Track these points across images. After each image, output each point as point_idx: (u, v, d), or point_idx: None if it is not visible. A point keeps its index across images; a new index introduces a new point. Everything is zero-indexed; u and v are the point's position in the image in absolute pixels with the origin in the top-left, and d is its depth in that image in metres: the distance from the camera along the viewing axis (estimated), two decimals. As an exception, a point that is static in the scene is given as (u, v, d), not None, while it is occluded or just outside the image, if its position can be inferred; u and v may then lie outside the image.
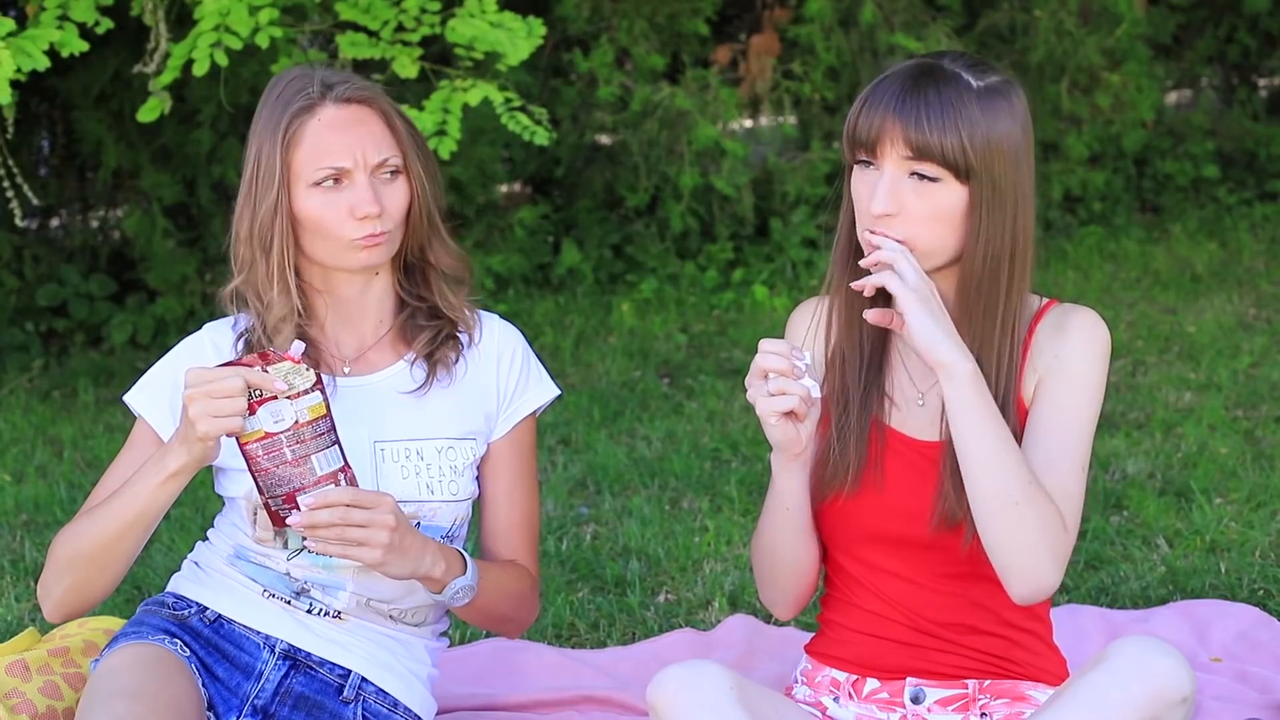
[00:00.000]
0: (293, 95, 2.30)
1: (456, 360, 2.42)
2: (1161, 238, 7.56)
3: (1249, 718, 2.71)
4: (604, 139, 7.44)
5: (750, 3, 7.92)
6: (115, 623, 2.64)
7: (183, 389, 2.18)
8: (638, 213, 7.25)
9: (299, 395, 2.11)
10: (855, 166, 2.14)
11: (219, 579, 2.39)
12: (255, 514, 2.34)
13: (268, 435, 2.11)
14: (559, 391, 2.52)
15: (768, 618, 3.31)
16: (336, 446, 2.16)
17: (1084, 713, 1.99)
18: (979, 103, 2.08)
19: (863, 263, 2.09)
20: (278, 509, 2.15)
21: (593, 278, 7.02)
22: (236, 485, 2.35)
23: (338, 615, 2.38)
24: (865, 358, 2.23)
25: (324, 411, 2.14)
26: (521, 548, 2.49)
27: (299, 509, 2.13)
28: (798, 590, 2.28)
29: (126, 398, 2.42)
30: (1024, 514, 2.05)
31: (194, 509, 4.20)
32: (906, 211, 2.09)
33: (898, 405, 2.22)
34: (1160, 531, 3.67)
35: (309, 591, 2.36)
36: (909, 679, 2.24)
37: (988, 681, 2.23)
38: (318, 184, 2.29)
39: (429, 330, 2.41)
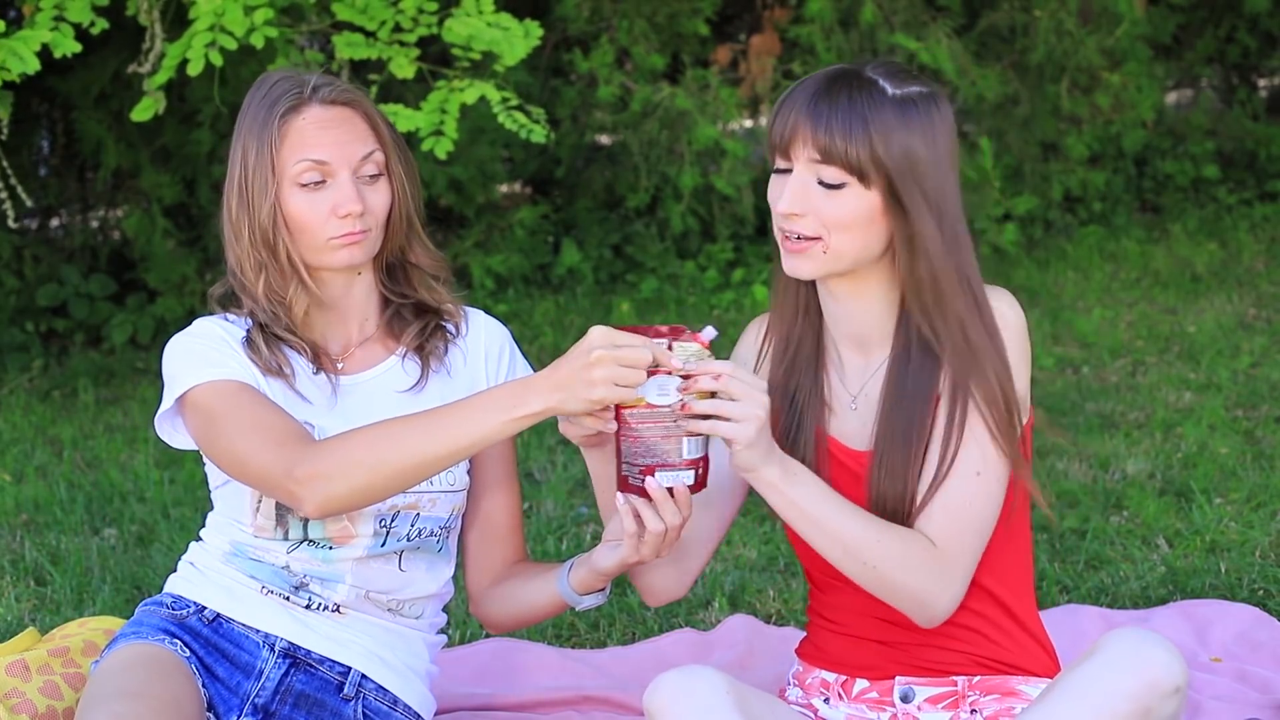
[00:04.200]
0: (278, 96, 2.32)
1: (447, 350, 2.44)
2: (1161, 238, 7.56)
3: (1249, 718, 2.71)
4: (604, 139, 7.45)
5: (750, 3, 7.92)
6: (115, 623, 2.65)
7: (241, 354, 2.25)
8: (638, 213, 7.25)
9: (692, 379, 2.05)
10: (773, 173, 2.16)
11: (215, 578, 2.39)
12: (259, 503, 2.34)
13: (650, 406, 2.04)
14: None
15: (768, 618, 3.31)
16: (705, 436, 2.09)
17: (1078, 704, 1.99)
18: (894, 110, 2.09)
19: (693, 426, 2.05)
20: (628, 474, 2.08)
21: (593, 278, 7.03)
22: None
23: (336, 609, 2.38)
24: (802, 365, 2.25)
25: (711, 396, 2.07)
26: (521, 541, 2.52)
27: (653, 479, 2.06)
28: (665, 579, 2.30)
29: (198, 382, 2.30)
30: (882, 572, 2.08)
31: (194, 509, 4.20)
32: (816, 212, 2.11)
33: (834, 410, 2.23)
34: (1160, 531, 3.67)
35: (307, 585, 2.36)
36: (898, 678, 2.24)
37: (977, 678, 2.23)
38: (302, 185, 2.30)
39: (416, 324, 2.43)
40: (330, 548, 2.34)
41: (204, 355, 2.34)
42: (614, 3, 6.92)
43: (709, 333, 2.06)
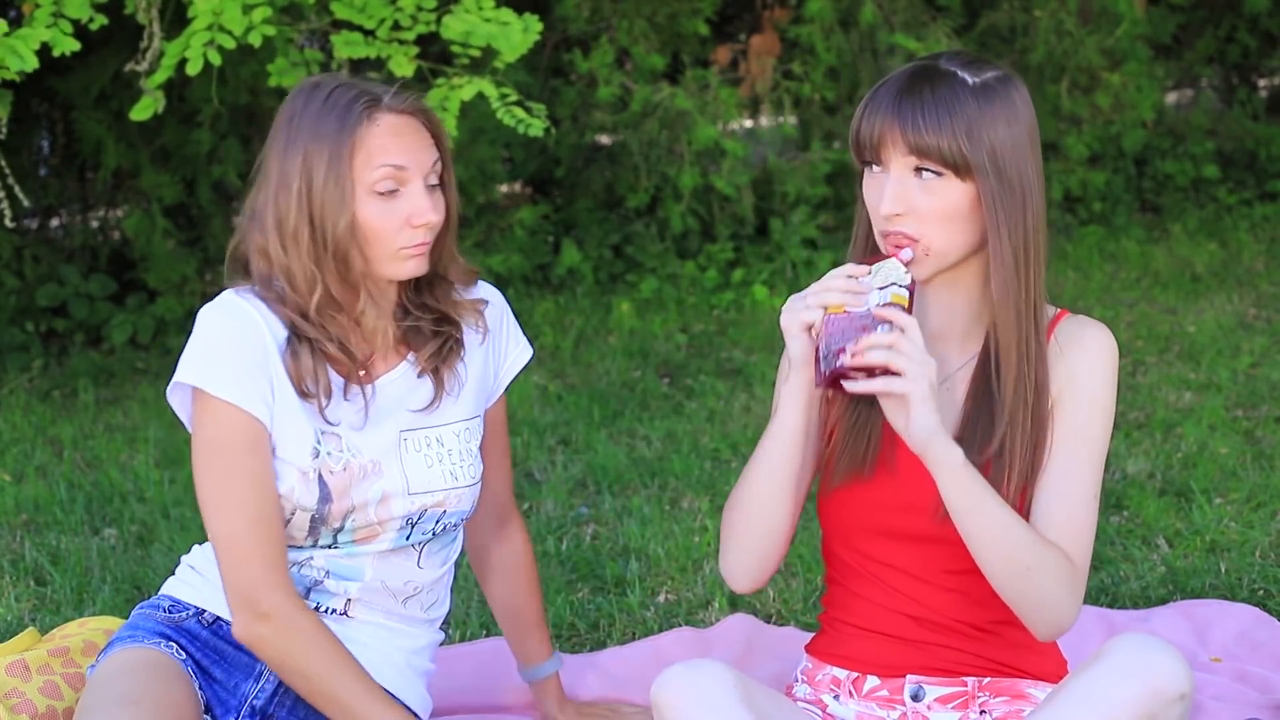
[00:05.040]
0: (348, 103, 2.26)
1: (460, 361, 2.43)
2: (1161, 238, 7.56)
3: (1249, 718, 2.71)
4: (604, 139, 7.45)
5: (750, 3, 7.93)
6: (115, 623, 2.65)
7: (268, 367, 2.25)
8: (638, 213, 7.25)
9: (888, 287, 2.08)
10: (864, 169, 2.17)
11: (218, 581, 2.39)
12: (291, 514, 2.32)
13: (847, 312, 2.08)
14: (532, 350, 2.59)
15: (768, 618, 3.31)
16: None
17: (1082, 710, 2.00)
18: (975, 100, 2.11)
19: (852, 362, 2.05)
20: (824, 367, 2.07)
21: (593, 278, 7.03)
22: (279, 482, 2.32)
23: (344, 612, 2.38)
24: None
25: (905, 304, 2.09)
26: (510, 492, 2.62)
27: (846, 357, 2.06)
28: (764, 555, 2.23)
29: (212, 392, 2.25)
30: (1035, 576, 2.09)
31: (193, 509, 4.20)
32: (915, 210, 2.12)
33: None
34: (1160, 531, 3.66)
35: (322, 583, 2.37)
36: (909, 676, 2.24)
37: (987, 679, 2.24)
38: (379, 193, 2.26)
39: (434, 342, 2.40)
40: (354, 542, 2.35)
41: (230, 363, 2.26)
42: (614, 3, 6.92)
43: (906, 254, 2.11)
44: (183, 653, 2.32)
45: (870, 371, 2.04)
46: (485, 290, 2.50)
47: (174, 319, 6.70)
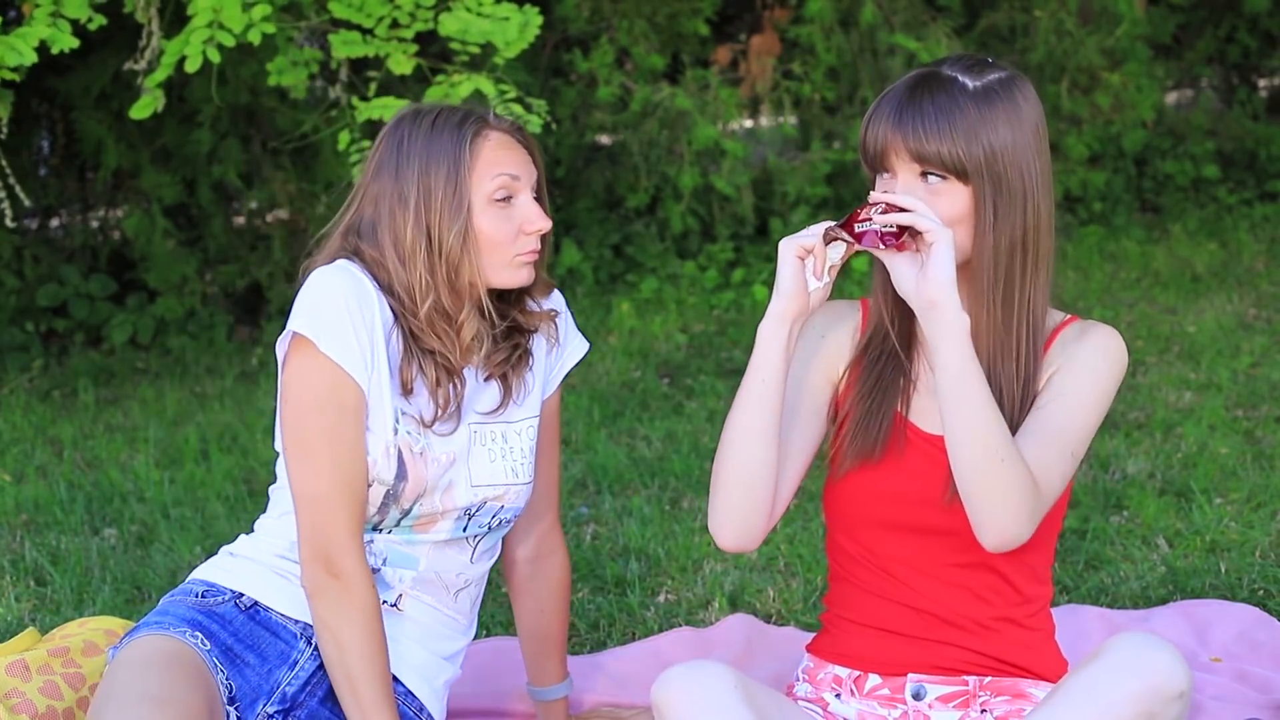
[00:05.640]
0: (458, 123, 2.36)
1: (529, 370, 2.49)
2: (1161, 238, 7.56)
3: (1249, 718, 2.71)
4: (604, 139, 7.45)
5: (750, 3, 7.93)
6: (115, 623, 2.65)
7: (373, 337, 2.28)
8: (638, 213, 7.25)
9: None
10: (875, 177, 2.20)
11: (259, 569, 2.40)
12: (370, 485, 2.34)
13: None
14: (588, 344, 2.64)
15: (768, 617, 3.31)
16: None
17: (1081, 707, 2.00)
18: (975, 105, 2.13)
19: (875, 197, 2.10)
20: (844, 217, 2.15)
21: (593, 278, 7.03)
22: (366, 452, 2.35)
23: (395, 604, 2.41)
24: (891, 344, 2.26)
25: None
26: (556, 501, 2.63)
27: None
28: (745, 507, 2.20)
29: (319, 345, 2.27)
30: (1004, 471, 2.07)
31: (193, 509, 4.20)
32: None
33: (918, 391, 2.25)
34: (1160, 531, 3.67)
35: (379, 571, 2.39)
36: (910, 675, 2.25)
37: (988, 678, 2.24)
38: (497, 200, 2.35)
39: (503, 351, 2.46)
40: (413, 529, 2.39)
41: (344, 326, 2.30)
42: (614, 3, 6.92)
43: None
44: (208, 642, 2.30)
45: (882, 239, 2.09)
46: (553, 298, 2.56)
47: (174, 319, 6.70)
